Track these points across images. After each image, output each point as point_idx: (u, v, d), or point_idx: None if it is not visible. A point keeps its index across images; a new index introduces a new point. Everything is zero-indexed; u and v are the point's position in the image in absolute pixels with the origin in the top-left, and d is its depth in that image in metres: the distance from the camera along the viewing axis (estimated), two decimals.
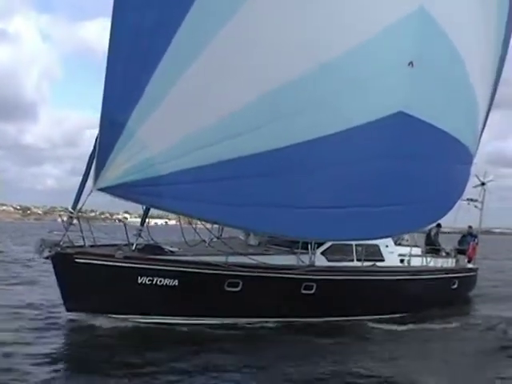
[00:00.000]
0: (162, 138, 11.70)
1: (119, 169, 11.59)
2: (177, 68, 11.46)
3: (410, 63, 13.42)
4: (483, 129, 18.65)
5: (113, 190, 11.78)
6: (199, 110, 11.84)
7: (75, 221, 12.50)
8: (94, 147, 12.05)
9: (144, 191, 11.86)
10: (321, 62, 12.35)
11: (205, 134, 11.84)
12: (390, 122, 13.42)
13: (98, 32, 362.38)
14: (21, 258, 29.18)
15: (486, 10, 15.21)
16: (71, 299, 12.51)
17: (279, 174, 12.66)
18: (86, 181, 12.47)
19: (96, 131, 11.73)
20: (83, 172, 12.69)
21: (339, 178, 13.32)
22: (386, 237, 16.50)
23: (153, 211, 14.64)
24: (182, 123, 11.76)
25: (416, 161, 14.42)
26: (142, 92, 11.37)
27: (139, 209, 14.24)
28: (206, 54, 11.51)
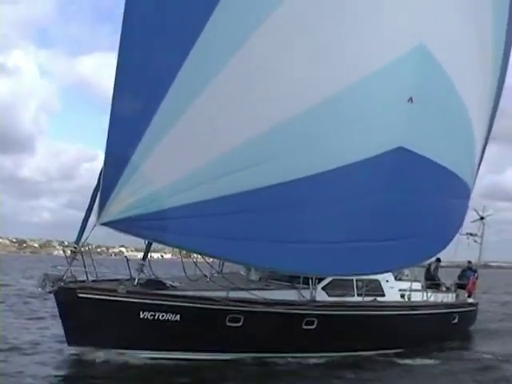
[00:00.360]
0: (165, 172, 11.85)
1: (123, 203, 11.71)
2: (180, 105, 11.68)
3: (410, 99, 13.63)
4: (480, 162, 18.85)
5: (116, 225, 11.88)
6: (202, 146, 12.01)
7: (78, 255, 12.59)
8: (98, 181, 12.22)
9: (147, 225, 11.96)
10: (322, 99, 12.57)
11: (207, 169, 12.00)
12: (389, 157, 13.60)
13: (95, 66, 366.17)
14: (36, 292, 28.97)
15: (481, 42, 15.51)
16: (74, 333, 12.50)
17: (278, 210, 12.77)
18: (90, 215, 12.58)
19: (92, 164, 11.94)
20: (86, 206, 12.84)
21: (338, 213, 13.45)
22: (386, 272, 16.52)
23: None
24: (185, 158, 11.93)
25: (414, 195, 14.58)
26: (147, 127, 11.56)
27: (135, 243, 14.27)
28: (209, 91, 11.73)
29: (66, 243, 12.98)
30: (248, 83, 12.09)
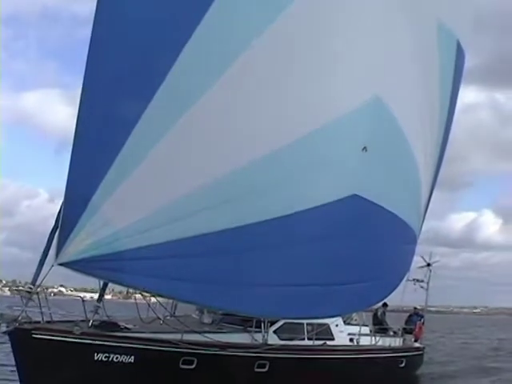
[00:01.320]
0: (125, 214, 11.96)
1: (81, 244, 11.68)
2: (141, 148, 11.84)
3: (364, 148, 14.22)
4: (426, 210, 19.56)
5: (74, 265, 11.81)
6: (159, 190, 12.20)
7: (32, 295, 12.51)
8: (56, 221, 12.23)
9: (105, 266, 11.95)
10: (282, 146, 13.00)
11: (164, 213, 12.14)
12: (344, 204, 14.09)
13: (39, 102, 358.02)
14: None
15: (430, 96, 16.51)
16: (28, 375, 12.31)
17: (233, 253, 12.99)
18: (47, 255, 12.53)
19: (33, 201, 11.75)
20: (44, 246, 12.77)
21: (292, 257, 13.71)
22: (337, 315, 16.89)
23: (86, 286, 14.53)
24: (146, 200, 12.09)
25: (367, 241, 15.06)
26: (108, 169, 11.65)
27: (75, 283, 13.97)
28: (170, 135, 11.98)
29: (4, 282, 12.88)
30: (202, 134, 12.40)
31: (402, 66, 14.98)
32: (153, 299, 15.32)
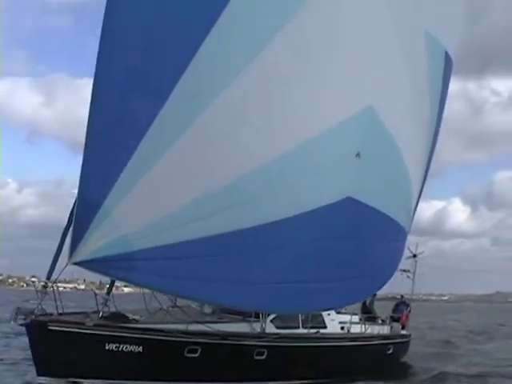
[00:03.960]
0: (135, 218, 12.73)
1: (94, 245, 12.48)
2: (152, 154, 12.56)
3: (357, 154, 15.12)
4: (415, 210, 20.44)
5: (87, 264, 12.67)
6: (169, 195, 12.98)
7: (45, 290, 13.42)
8: (69, 221, 13.06)
9: (115, 266, 12.82)
10: (282, 153, 13.86)
11: (172, 217, 12.95)
12: (339, 206, 15.02)
13: (7, 90, 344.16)
14: None
15: (419, 102, 17.32)
16: (43, 364, 13.19)
17: (238, 254, 13.88)
18: (60, 252, 13.47)
19: (2, 191, 12.06)
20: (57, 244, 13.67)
21: (290, 257, 14.63)
22: (330, 309, 17.88)
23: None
24: (153, 206, 12.86)
25: (360, 241, 16.03)
26: (120, 172, 12.35)
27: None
28: (178, 146, 12.69)
29: None
30: (220, 133, 13.16)
31: (393, 76, 15.78)
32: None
